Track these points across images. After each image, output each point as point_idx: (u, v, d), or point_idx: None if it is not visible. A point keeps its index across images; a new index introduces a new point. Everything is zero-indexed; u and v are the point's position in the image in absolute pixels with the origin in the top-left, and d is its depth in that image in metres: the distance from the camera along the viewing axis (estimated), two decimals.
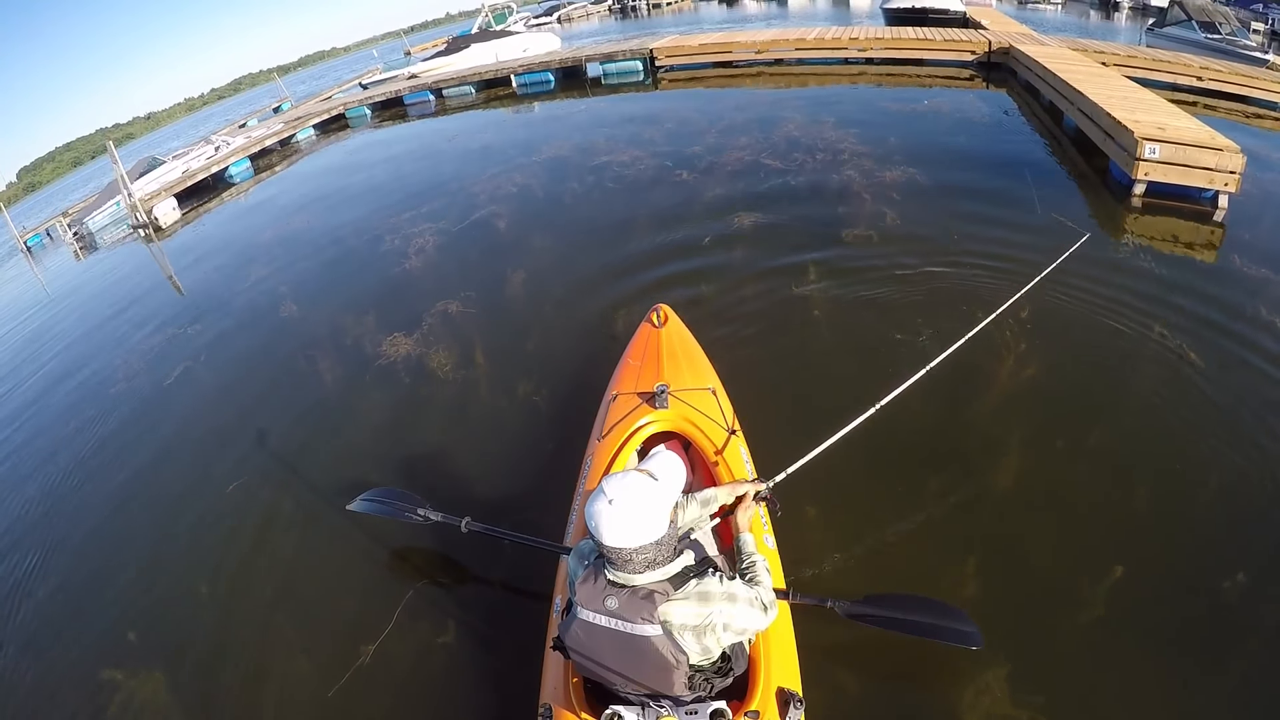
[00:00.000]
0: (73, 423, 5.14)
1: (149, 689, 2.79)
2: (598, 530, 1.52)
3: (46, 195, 30.33)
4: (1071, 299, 4.08)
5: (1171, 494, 2.84)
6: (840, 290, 4.55)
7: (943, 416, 3.31)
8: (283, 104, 22.23)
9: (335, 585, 3.09)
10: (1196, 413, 3.24)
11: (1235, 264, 4.41)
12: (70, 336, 7.21)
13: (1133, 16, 17.47)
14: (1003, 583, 2.56)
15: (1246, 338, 3.71)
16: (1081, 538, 2.70)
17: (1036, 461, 3.08)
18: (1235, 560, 2.52)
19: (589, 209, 6.81)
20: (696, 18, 26.66)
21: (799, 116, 8.62)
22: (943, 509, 2.89)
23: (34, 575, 3.64)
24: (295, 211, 9.39)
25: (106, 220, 13.50)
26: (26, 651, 3.15)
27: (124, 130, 61.88)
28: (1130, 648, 2.30)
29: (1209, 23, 10.79)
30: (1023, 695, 2.19)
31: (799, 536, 2.71)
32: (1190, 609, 2.40)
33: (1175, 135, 5.26)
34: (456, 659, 2.62)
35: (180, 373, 5.44)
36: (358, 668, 2.66)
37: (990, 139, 7.36)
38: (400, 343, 4.93)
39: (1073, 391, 3.46)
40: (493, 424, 3.92)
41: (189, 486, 4.03)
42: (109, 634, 3.13)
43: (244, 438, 4.32)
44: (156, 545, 3.64)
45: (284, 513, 3.60)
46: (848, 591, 2.24)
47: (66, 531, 3.93)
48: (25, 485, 4.50)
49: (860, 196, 5.90)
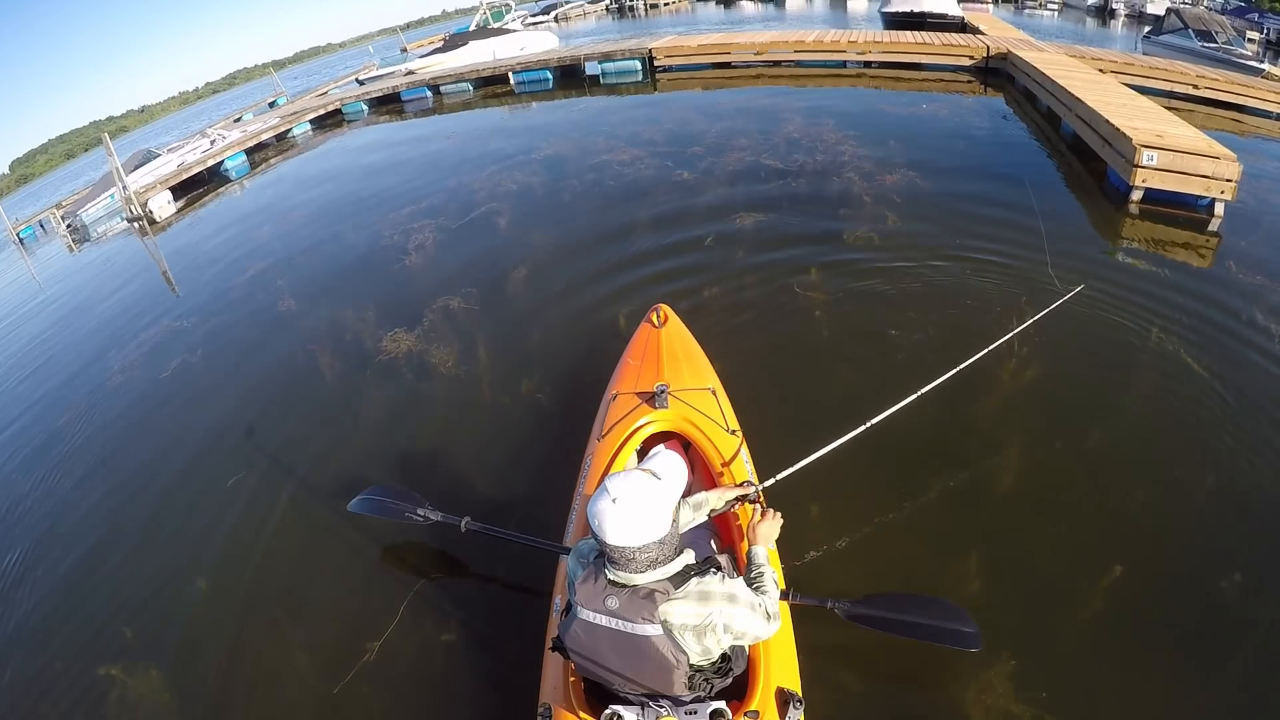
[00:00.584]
0: (65, 415, 5.11)
1: (146, 685, 2.78)
2: (601, 529, 1.51)
3: (39, 187, 30.08)
4: (1071, 303, 4.10)
5: (1169, 494, 2.88)
6: (841, 292, 4.57)
7: (943, 417, 3.31)
8: (278, 99, 22.18)
9: (334, 584, 3.08)
10: (1193, 414, 3.28)
11: (1231, 270, 4.45)
12: (64, 328, 7.17)
13: (1129, 24, 17.61)
14: (1004, 580, 2.59)
15: (1243, 341, 3.75)
16: (1081, 537, 2.73)
17: (1036, 462, 3.11)
18: (1232, 560, 2.56)
19: (589, 207, 6.80)
20: (694, 18, 26.70)
21: (799, 118, 8.64)
22: (943, 508, 2.91)
23: (27, 572, 3.61)
24: (292, 206, 9.35)
25: (101, 213, 13.41)
26: (21, 649, 3.12)
27: (117, 124, 61.34)
28: (1130, 645, 2.33)
29: (1205, 31, 10.90)
30: (1026, 691, 2.21)
31: (799, 536, 2.69)
32: (1188, 607, 2.43)
33: (1173, 143, 5.31)
34: (456, 659, 2.62)
35: (177, 365, 5.41)
36: (358, 667, 2.65)
37: (989, 143, 7.41)
38: (401, 339, 4.91)
39: (1072, 394, 3.49)
40: (493, 423, 3.91)
41: (186, 481, 4.01)
42: (105, 630, 3.10)
43: (241, 433, 4.30)
44: (152, 541, 3.62)
45: (282, 509, 3.58)
46: (848, 591, 2.25)
47: (61, 526, 3.90)
48: (18, 480, 4.46)
49: (861, 199, 5.92)
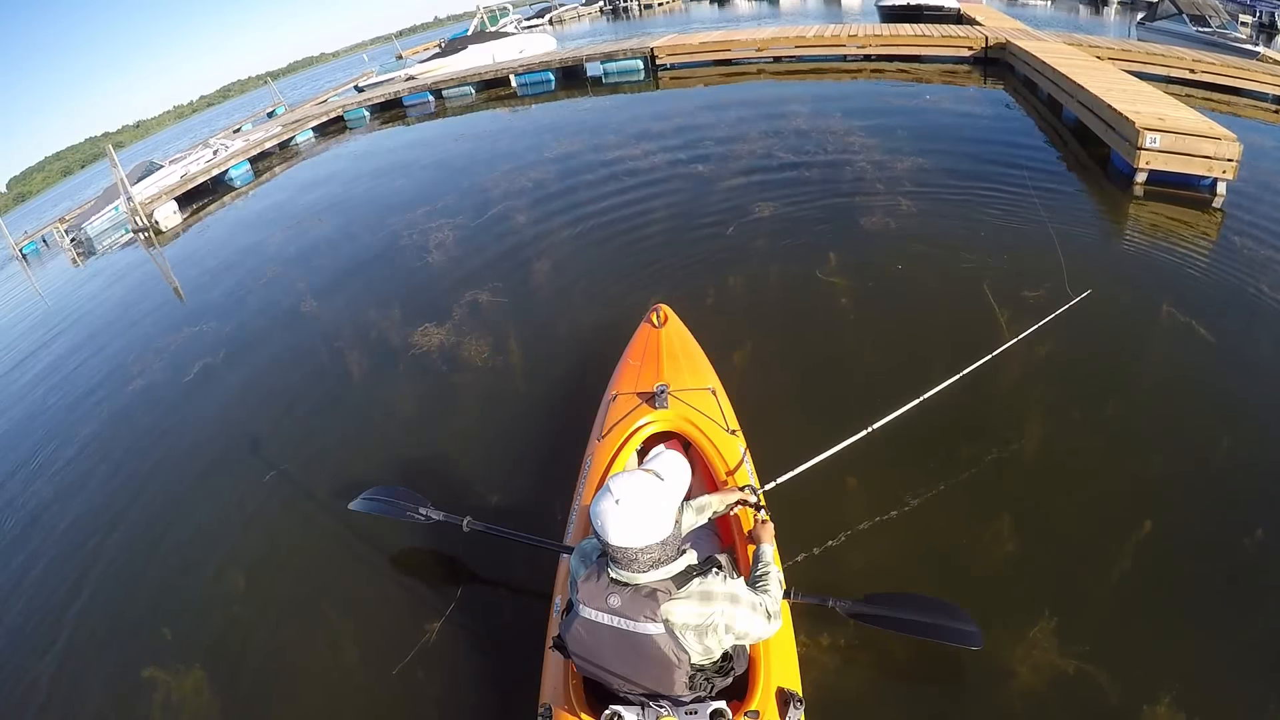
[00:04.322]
0: (93, 424, 5.15)
1: (187, 686, 2.80)
2: (604, 530, 1.50)
3: (37, 205, 29.94)
4: (1081, 287, 4.20)
5: (1187, 459, 2.97)
6: (859, 288, 4.55)
7: (952, 401, 3.25)
8: (277, 108, 22.15)
9: (335, 584, 3.11)
10: (1204, 381, 3.40)
11: (1235, 245, 4.59)
12: (83, 338, 7.22)
13: (1121, 11, 17.72)
14: (1036, 548, 2.64)
15: (1249, 311, 3.89)
16: (1106, 502, 2.78)
17: (1055, 437, 3.16)
18: (1253, 517, 2.63)
19: (605, 204, 6.86)
20: (688, 18, 26.74)
21: (805, 111, 8.76)
22: (968, 486, 2.93)
23: (68, 575, 3.63)
24: (304, 211, 9.43)
25: (105, 225, 13.44)
26: (65, 654, 3.15)
27: (113, 139, 61.07)
28: (1160, 600, 2.41)
29: (1199, 16, 11.00)
30: (1070, 645, 2.28)
31: (800, 534, 2.72)
32: (1213, 564, 2.51)
33: (1175, 125, 5.43)
34: (456, 658, 2.63)
35: (199, 369, 5.49)
36: (358, 666, 2.69)
37: (994, 131, 7.53)
38: (432, 333, 5.02)
39: (1086, 369, 3.55)
40: (493, 423, 3.95)
41: (199, 488, 4.07)
42: (144, 633, 3.14)
43: (246, 439, 4.35)
44: (175, 543, 3.67)
45: (282, 511, 3.65)
46: (849, 589, 2.27)
47: (97, 531, 3.92)
48: (51, 483, 4.51)
49: (875, 186, 6.02)
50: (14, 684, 3.04)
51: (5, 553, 3.96)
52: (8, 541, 4.06)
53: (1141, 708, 2.10)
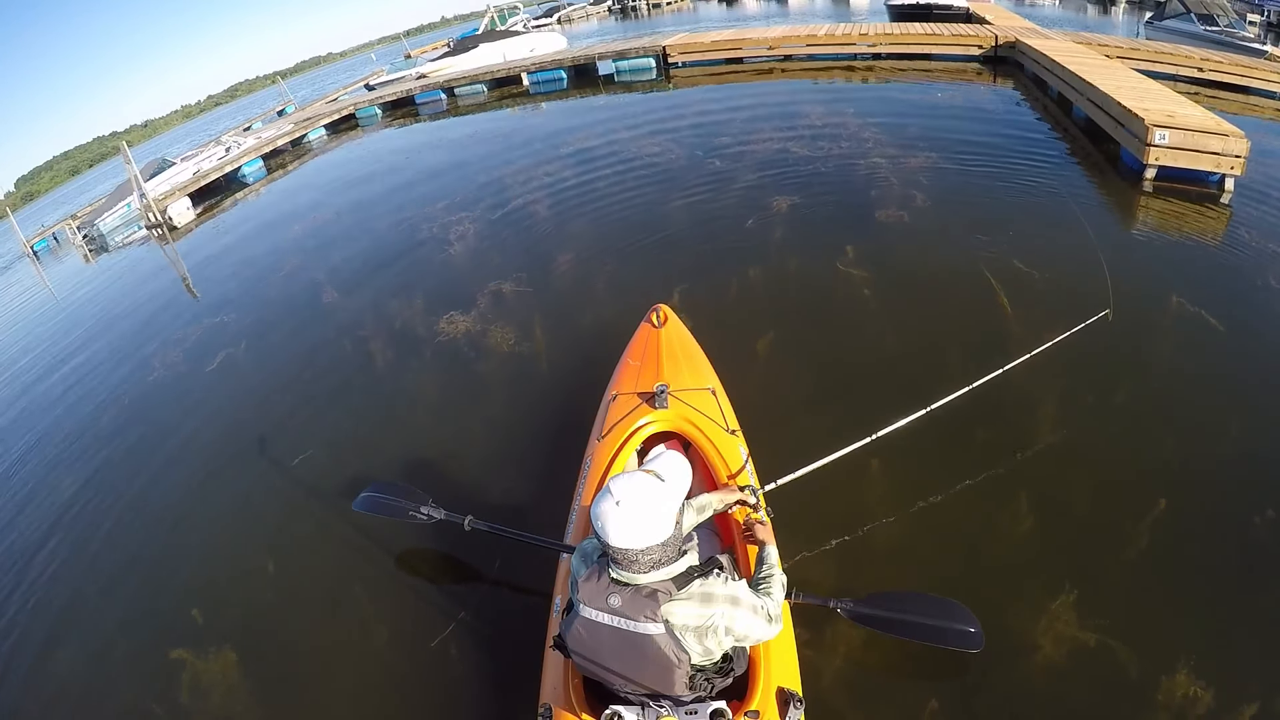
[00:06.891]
0: (116, 413, 5.23)
1: (218, 667, 2.87)
2: (604, 531, 1.50)
3: (45, 204, 29.99)
4: (1094, 279, 4.26)
5: (1198, 442, 3.06)
6: (876, 282, 4.61)
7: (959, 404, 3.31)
8: (287, 107, 22.27)
9: (335, 583, 3.14)
10: (1213, 369, 3.49)
11: (1244, 238, 4.70)
12: (101, 333, 7.28)
13: (1129, 10, 17.75)
14: (1054, 527, 2.72)
15: (1258, 302, 3.99)
16: (1120, 484, 2.87)
17: (1068, 421, 3.23)
18: (1262, 498, 2.72)
19: (624, 198, 6.95)
20: (696, 17, 26.78)
21: (818, 108, 8.86)
22: (969, 479, 2.97)
23: (97, 559, 3.72)
24: (319, 206, 9.52)
25: (118, 222, 13.54)
26: (94, 635, 3.22)
27: (122, 139, 61.47)
28: (1176, 576, 2.49)
29: (1207, 15, 11.05)
30: (1090, 619, 2.36)
31: (800, 533, 2.73)
32: (1225, 543, 2.59)
33: (1183, 122, 5.51)
34: (456, 658, 2.64)
35: (222, 359, 5.57)
36: (358, 665, 2.73)
37: (1005, 128, 7.62)
38: (458, 322, 5.13)
39: (1098, 360, 3.55)
40: (494, 423, 3.99)
41: (210, 481, 4.16)
42: (173, 614, 3.21)
43: (242, 437, 4.42)
44: (189, 533, 3.77)
45: (282, 510, 3.71)
46: (850, 588, 2.31)
47: (121, 519, 4.01)
48: (83, 470, 4.60)
49: (889, 184, 6.10)
50: (43, 664, 3.12)
51: (35, 539, 4.03)
52: (37, 529, 4.12)
53: (1159, 679, 2.17)
